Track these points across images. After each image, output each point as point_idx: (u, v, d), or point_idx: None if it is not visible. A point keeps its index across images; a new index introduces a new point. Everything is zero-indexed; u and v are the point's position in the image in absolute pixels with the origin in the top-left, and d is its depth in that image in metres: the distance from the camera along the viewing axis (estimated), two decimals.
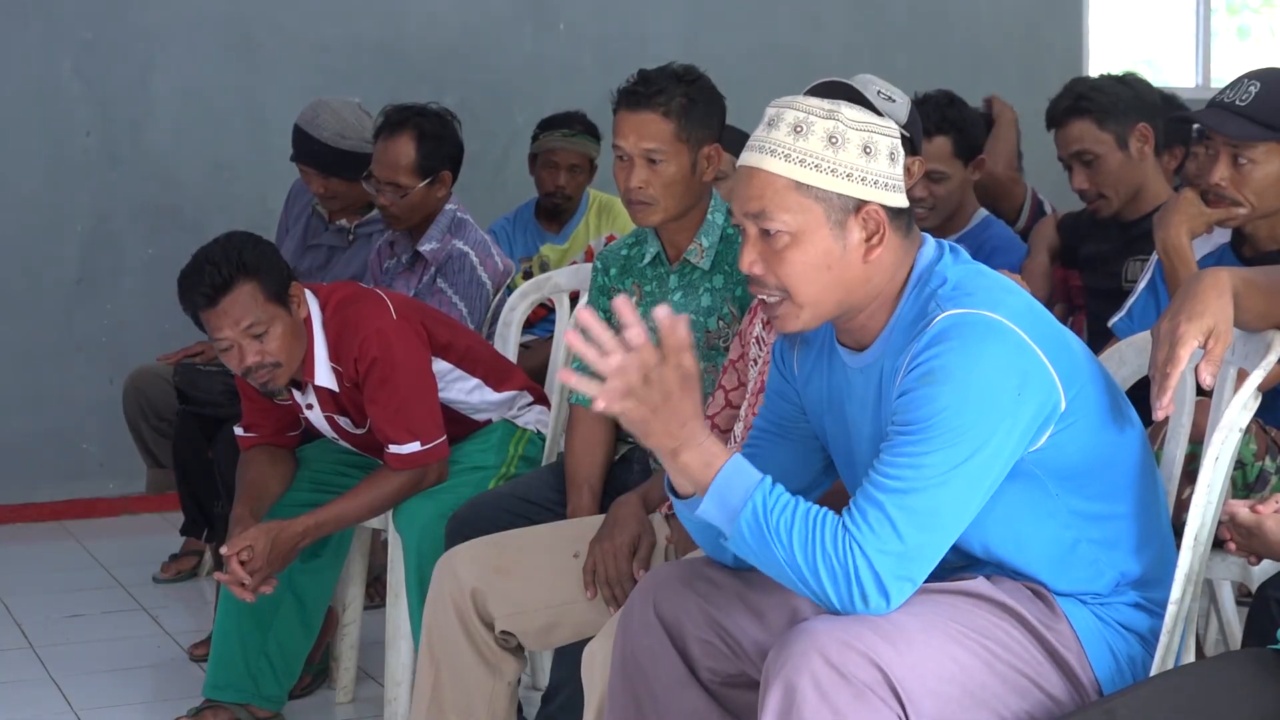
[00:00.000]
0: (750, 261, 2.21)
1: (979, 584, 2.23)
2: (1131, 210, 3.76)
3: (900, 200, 2.22)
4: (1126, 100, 3.77)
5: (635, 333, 2.07)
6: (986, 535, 2.20)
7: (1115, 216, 3.81)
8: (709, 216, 3.24)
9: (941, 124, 4.06)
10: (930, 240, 2.28)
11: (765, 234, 2.20)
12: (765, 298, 2.24)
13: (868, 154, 2.18)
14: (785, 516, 2.09)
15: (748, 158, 2.22)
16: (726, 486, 2.12)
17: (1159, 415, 2.19)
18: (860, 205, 2.19)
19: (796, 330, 2.25)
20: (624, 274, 3.36)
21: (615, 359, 2.07)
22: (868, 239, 2.20)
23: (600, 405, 2.07)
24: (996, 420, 2.09)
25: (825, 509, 2.11)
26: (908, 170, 2.32)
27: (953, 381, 2.09)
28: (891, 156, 2.21)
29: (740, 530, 2.11)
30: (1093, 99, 3.77)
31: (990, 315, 2.12)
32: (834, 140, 2.17)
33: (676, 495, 2.23)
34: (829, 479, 2.47)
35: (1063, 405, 2.15)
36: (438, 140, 4.22)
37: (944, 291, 2.18)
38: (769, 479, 2.13)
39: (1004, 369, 2.10)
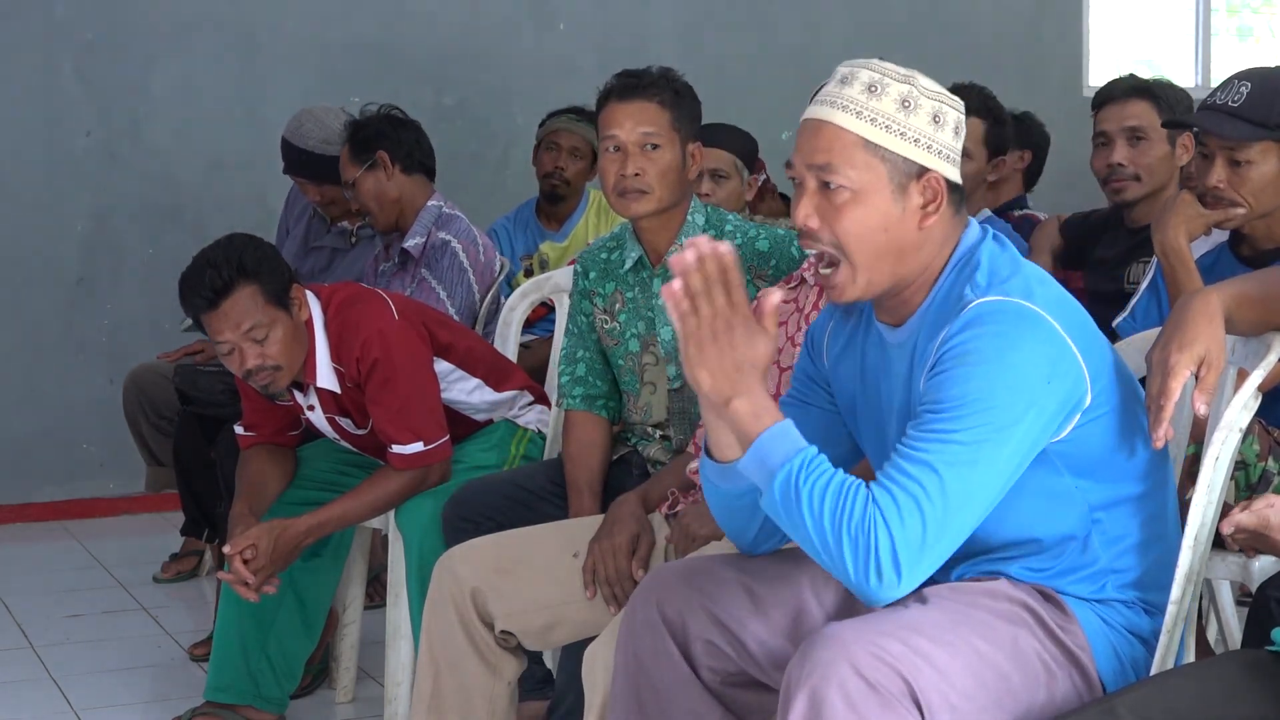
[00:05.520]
0: (806, 215, 2.22)
1: (1001, 584, 2.23)
2: (1142, 213, 3.76)
3: (957, 175, 2.26)
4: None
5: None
6: (1004, 521, 2.20)
7: (1122, 220, 3.82)
8: (689, 217, 3.25)
9: (981, 109, 4.16)
10: (974, 223, 2.30)
11: (825, 187, 2.21)
12: (822, 269, 2.25)
13: (936, 123, 2.22)
14: (820, 483, 2.07)
15: (816, 111, 2.23)
16: (771, 443, 2.10)
17: (1157, 445, 2.20)
18: (923, 172, 2.22)
19: (852, 299, 2.25)
20: (604, 278, 3.35)
21: (689, 255, 2.06)
22: (924, 206, 2.22)
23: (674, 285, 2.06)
24: (1026, 405, 2.10)
25: (859, 481, 2.10)
26: None
27: (986, 364, 2.10)
28: (956, 130, 2.25)
29: (773, 491, 2.09)
30: (1160, 92, 3.80)
31: (1024, 304, 2.14)
32: (907, 104, 2.20)
33: (711, 458, 2.22)
34: (853, 460, 2.46)
35: (1088, 399, 2.16)
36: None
37: (980, 276, 2.20)
38: (814, 448, 2.11)
39: (1036, 356, 2.12)
